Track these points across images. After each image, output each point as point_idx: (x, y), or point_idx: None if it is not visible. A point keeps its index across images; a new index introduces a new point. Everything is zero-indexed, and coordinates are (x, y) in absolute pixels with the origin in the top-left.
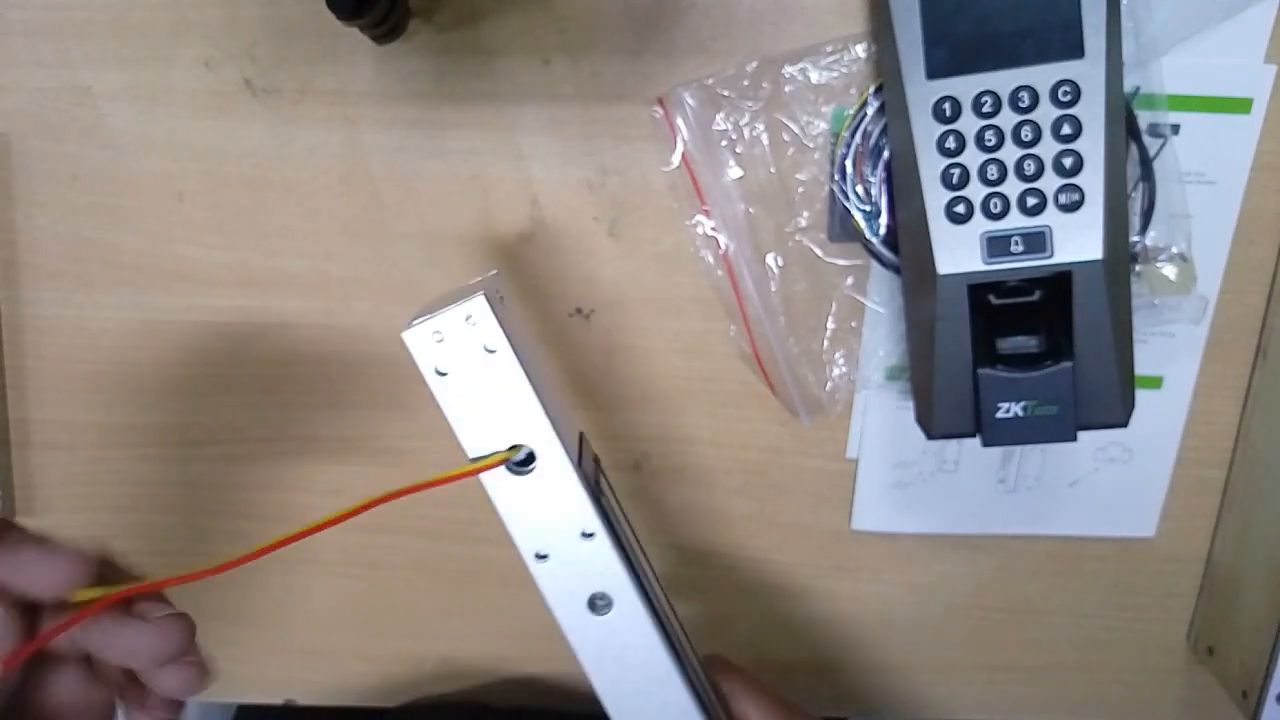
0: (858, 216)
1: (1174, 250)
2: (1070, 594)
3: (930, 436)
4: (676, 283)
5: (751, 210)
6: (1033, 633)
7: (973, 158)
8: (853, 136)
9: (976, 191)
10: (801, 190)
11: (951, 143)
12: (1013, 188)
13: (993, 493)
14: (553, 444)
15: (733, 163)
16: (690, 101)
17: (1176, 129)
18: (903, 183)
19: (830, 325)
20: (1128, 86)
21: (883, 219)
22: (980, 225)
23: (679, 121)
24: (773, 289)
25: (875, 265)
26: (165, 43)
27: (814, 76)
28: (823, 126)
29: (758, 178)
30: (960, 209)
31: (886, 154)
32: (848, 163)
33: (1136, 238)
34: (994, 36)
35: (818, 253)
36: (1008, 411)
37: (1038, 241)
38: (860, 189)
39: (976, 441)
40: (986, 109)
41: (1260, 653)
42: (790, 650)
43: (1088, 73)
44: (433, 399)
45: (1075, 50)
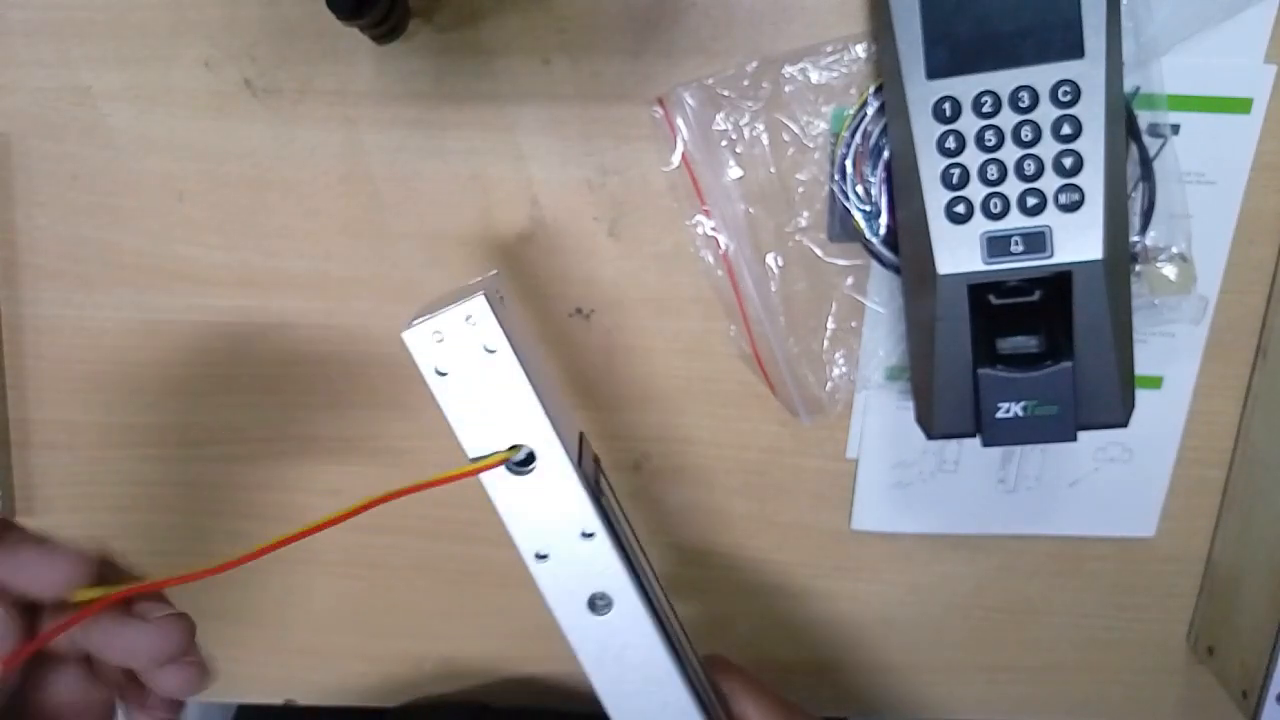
0: (858, 216)
1: (1174, 250)
2: (1070, 594)
3: (930, 436)
4: (676, 283)
5: (751, 210)
6: (1033, 633)
7: (973, 158)
8: (853, 136)
9: (976, 191)
10: (801, 190)
11: (951, 143)
12: (1013, 188)
13: (993, 493)
14: (553, 444)
15: (733, 163)
16: (690, 101)
17: (1176, 129)
18: (903, 183)
19: (830, 325)
20: (1128, 86)
21: (883, 219)
22: (980, 225)
23: (679, 121)
24: (773, 289)
25: (875, 265)
26: (165, 43)
27: (814, 76)
28: (823, 126)
29: (758, 178)
30: (960, 209)
31: (886, 154)
32: (848, 163)
33: (1136, 238)
34: (994, 36)
35: (818, 253)
36: (1008, 411)
37: (1038, 241)
38: (860, 189)
39: (976, 441)
40: (986, 109)
41: (1260, 653)
42: (790, 650)
43: (1088, 73)
44: (433, 399)
45: (1075, 50)
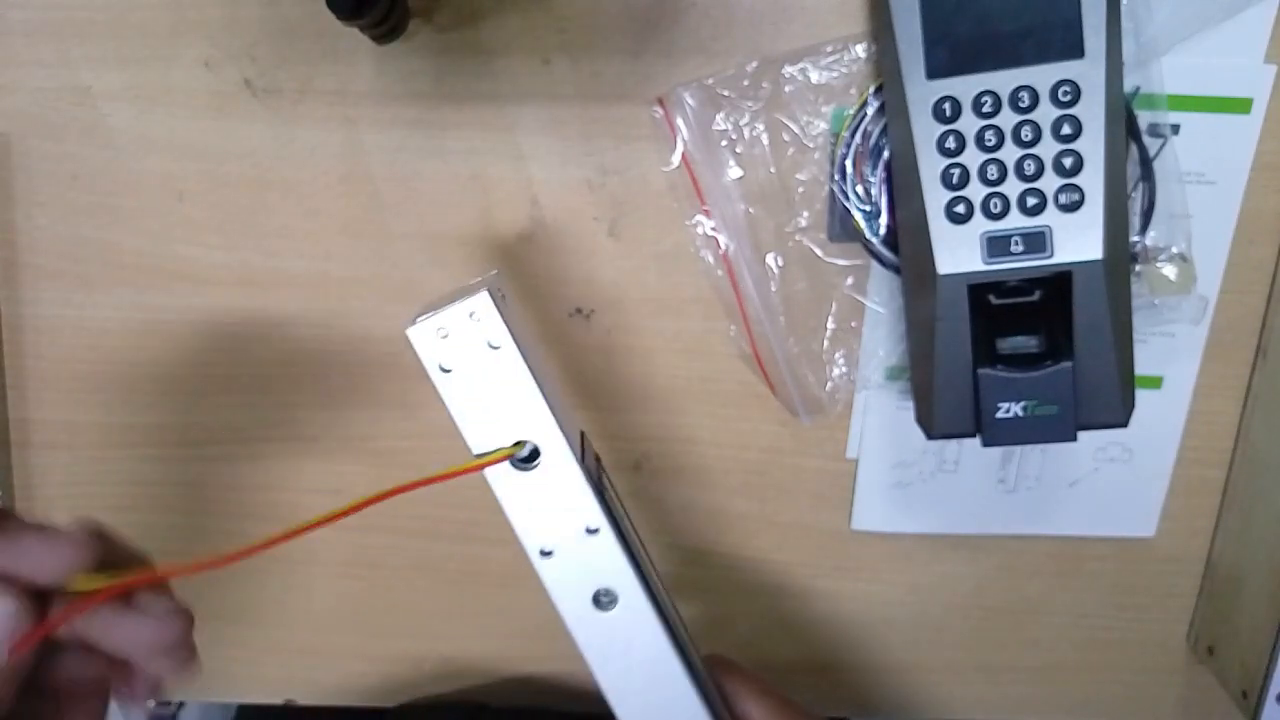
0: (858, 216)
1: (1174, 250)
2: (1070, 594)
3: (930, 436)
4: (676, 283)
5: (751, 210)
6: (1033, 633)
7: (973, 158)
8: (853, 136)
9: (976, 191)
10: (801, 190)
11: (951, 143)
12: (1013, 188)
13: (993, 493)
14: (557, 439)
15: (733, 163)
16: (690, 101)
17: (1176, 129)
18: (903, 183)
19: (830, 325)
20: (1128, 86)
21: (883, 219)
22: (980, 225)
23: (679, 121)
24: (773, 289)
25: (875, 265)
26: (165, 43)
27: (814, 76)
28: (823, 126)
29: (758, 178)
30: (960, 209)
31: (886, 154)
32: (848, 163)
33: (1136, 238)
34: (994, 36)
35: (818, 253)
36: (1008, 411)
37: (1038, 241)
38: (860, 189)
39: (976, 441)
40: (986, 109)
41: (1260, 653)
42: (790, 650)
43: (1088, 73)
44: (437, 395)
45: (1075, 50)
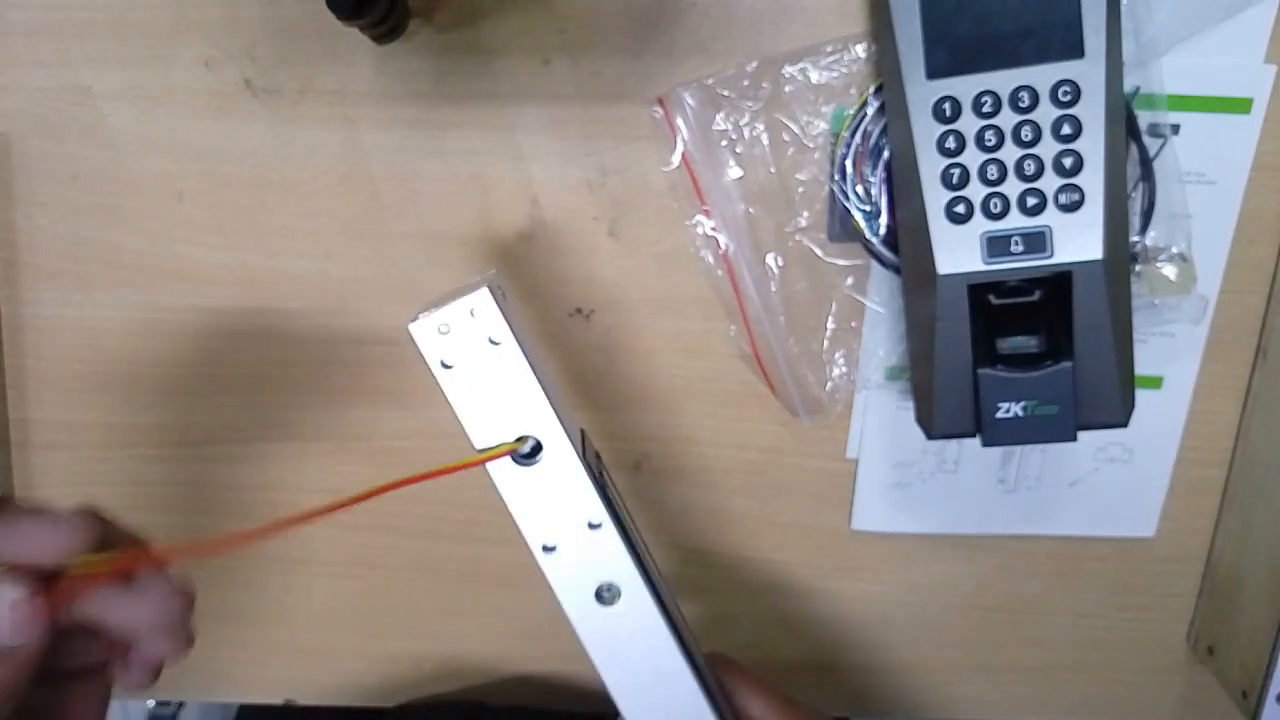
0: (858, 216)
1: (1174, 250)
2: (1070, 594)
3: (930, 436)
4: (676, 283)
5: (751, 210)
6: (1033, 633)
7: (973, 158)
8: (853, 136)
9: (976, 191)
10: (801, 190)
11: (951, 143)
12: (1013, 188)
13: (993, 493)
14: (559, 434)
15: (733, 163)
16: (690, 101)
17: (1176, 129)
18: (903, 183)
19: (830, 325)
20: (1128, 86)
21: (883, 219)
22: (980, 225)
23: (679, 121)
24: (773, 289)
25: (875, 265)
26: (165, 43)
27: (814, 76)
28: (823, 126)
29: (758, 178)
30: (960, 209)
31: (886, 154)
32: (848, 163)
33: (1136, 238)
34: (994, 36)
35: (818, 253)
36: (1008, 411)
37: (1038, 241)
38: (860, 189)
39: (976, 441)
40: (986, 109)
41: (1260, 653)
42: (790, 650)
43: (1088, 73)
44: (439, 391)
45: (1075, 50)
